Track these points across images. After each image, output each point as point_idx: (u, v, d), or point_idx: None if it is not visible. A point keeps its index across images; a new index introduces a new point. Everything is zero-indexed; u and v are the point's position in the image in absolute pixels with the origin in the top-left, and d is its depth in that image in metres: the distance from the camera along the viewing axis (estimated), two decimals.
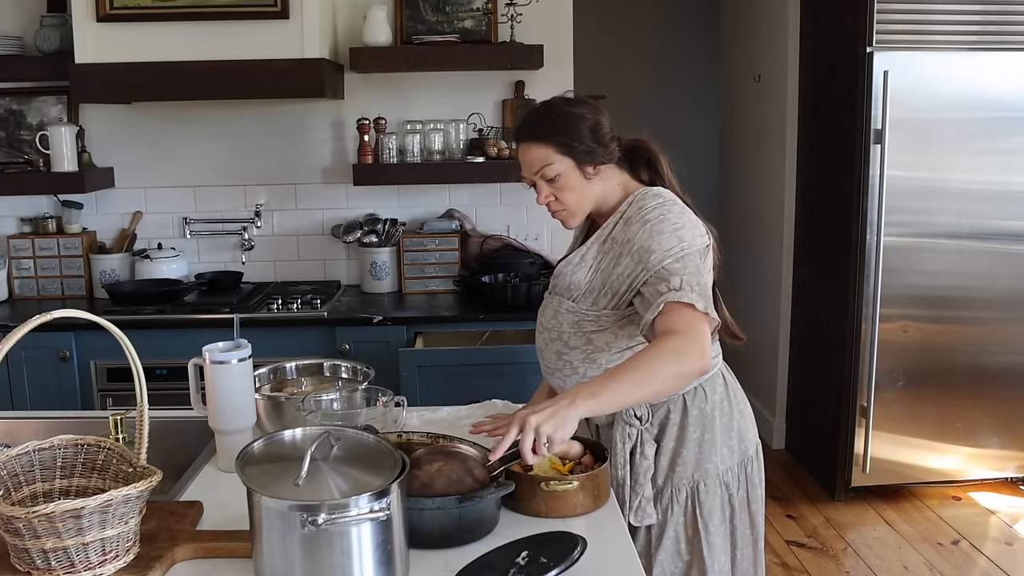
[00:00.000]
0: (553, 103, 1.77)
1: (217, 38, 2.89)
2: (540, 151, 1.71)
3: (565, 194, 1.73)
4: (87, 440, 1.48)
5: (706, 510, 1.80)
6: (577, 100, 1.77)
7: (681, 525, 1.80)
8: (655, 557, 1.80)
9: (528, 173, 1.75)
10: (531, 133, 1.73)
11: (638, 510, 1.76)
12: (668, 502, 1.79)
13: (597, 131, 1.71)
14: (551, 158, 1.70)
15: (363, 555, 1.21)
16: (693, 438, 1.79)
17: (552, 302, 1.84)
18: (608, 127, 1.74)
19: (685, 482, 1.79)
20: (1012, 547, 3.30)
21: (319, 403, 1.74)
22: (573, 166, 1.71)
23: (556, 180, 1.72)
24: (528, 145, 1.73)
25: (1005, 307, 3.58)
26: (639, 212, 1.71)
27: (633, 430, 1.77)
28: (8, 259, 3.29)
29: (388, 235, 3.31)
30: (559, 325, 1.80)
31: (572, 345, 1.78)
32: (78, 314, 1.37)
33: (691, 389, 1.79)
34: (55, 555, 1.26)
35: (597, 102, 1.77)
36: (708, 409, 1.80)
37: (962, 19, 3.39)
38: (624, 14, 5.24)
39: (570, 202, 1.74)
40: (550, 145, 1.70)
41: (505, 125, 3.38)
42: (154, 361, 2.81)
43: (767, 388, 4.34)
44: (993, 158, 3.47)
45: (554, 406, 1.44)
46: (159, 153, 3.39)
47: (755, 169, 4.49)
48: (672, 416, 1.79)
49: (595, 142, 1.71)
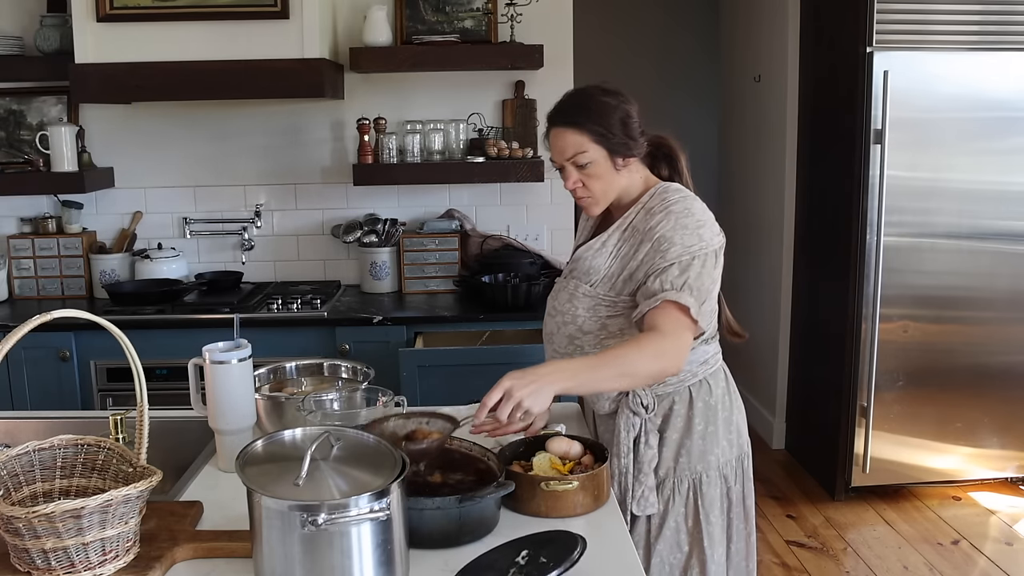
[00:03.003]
0: (591, 92, 1.78)
1: (217, 38, 2.89)
2: (576, 138, 1.73)
3: (593, 182, 1.77)
4: (87, 440, 1.48)
5: (707, 501, 1.82)
6: (614, 91, 1.79)
7: (682, 516, 1.82)
8: (654, 547, 1.82)
9: (559, 158, 1.77)
10: (568, 120, 1.75)
11: (641, 499, 1.78)
12: (670, 492, 1.82)
13: (631, 124, 1.75)
14: (585, 146, 1.73)
15: (363, 555, 1.21)
16: (698, 430, 1.82)
17: (568, 286, 1.86)
18: (638, 121, 1.77)
19: (688, 473, 1.82)
20: (1012, 547, 3.30)
21: (319, 403, 1.74)
22: (606, 156, 1.74)
23: (587, 167, 1.75)
24: (564, 131, 1.75)
25: (1005, 307, 3.58)
26: (663, 203, 1.75)
27: (637, 419, 1.79)
28: (8, 259, 3.29)
29: (388, 235, 3.31)
30: (574, 309, 1.82)
31: (586, 329, 1.80)
32: (78, 314, 1.37)
33: (696, 382, 1.83)
34: (55, 555, 1.26)
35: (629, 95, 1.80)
36: (712, 402, 1.83)
37: (962, 19, 3.39)
38: (624, 14, 5.23)
39: (597, 190, 1.78)
40: (586, 133, 1.73)
41: (505, 125, 3.38)
42: (154, 361, 2.81)
43: (767, 388, 4.34)
44: (993, 158, 3.47)
45: (536, 378, 1.49)
46: (159, 153, 3.39)
47: (755, 169, 4.49)
48: (677, 407, 1.82)
49: (627, 135, 1.74)
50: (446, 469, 1.56)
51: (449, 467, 1.57)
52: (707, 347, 1.85)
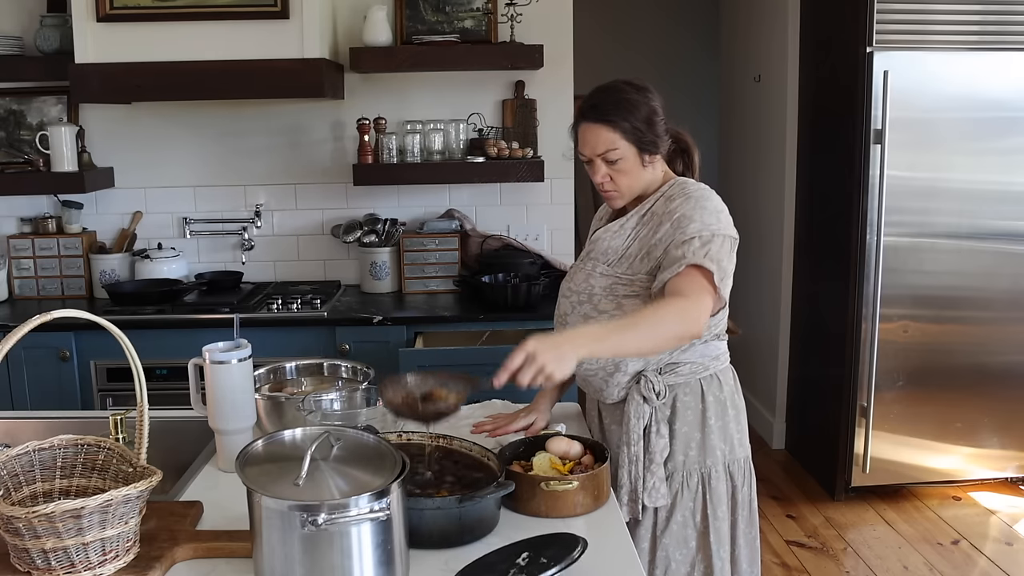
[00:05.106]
0: (622, 88, 1.79)
1: (217, 38, 2.89)
2: (608, 135, 1.75)
3: (621, 177, 1.79)
4: (87, 440, 1.48)
5: (715, 497, 1.83)
6: (643, 87, 1.80)
7: (690, 511, 1.83)
8: (660, 541, 1.82)
9: (590, 152, 1.79)
10: (602, 116, 1.76)
11: (652, 490, 1.79)
12: (679, 486, 1.82)
13: (658, 121, 1.77)
14: (617, 143, 1.75)
15: (363, 555, 1.21)
16: (709, 424, 1.83)
17: (585, 267, 1.87)
18: (663, 118, 1.79)
19: (697, 467, 1.82)
20: (1012, 547, 3.30)
21: (319, 403, 1.74)
22: (635, 153, 1.76)
23: (617, 163, 1.77)
24: (597, 127, 1.76)
25: (1005, 307, 3.58)
26: (682, 191, 1.78)
27: (647, 407, 1.79)
28: (8, 259, 3.29)
29: (388, 235, 3.31)
30: (590, 288, 1.83)
31: (601, 309, 1.80)
32: (78, 314, 1.37)
33: (707, 375, 1.84)
34: (55, 555, 1.26)
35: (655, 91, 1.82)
36: (723, 398, 1.85)
37: (962, 19, 3.39)
38: (624, 14, 5.23)
39: (623, 184, 1.80)
40: (618, 131, 1.74)
41: (505, 125, 3.38)
42: (154, 361, 2.81)
43: (767, 388, 4.34)
44: (993, 158, 3.47)
45: (561, 341, 1.46)
46: (159, 153, 3.39)
47: (755, 169, 4.49)
48: (687, 399, 1.82)
49: (656, 133, 1.77)
50: (446, 469, 1.56)
51: (449, 467, 1.57)
52: (718, 343, 1.86)
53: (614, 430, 1.87)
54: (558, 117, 3.36)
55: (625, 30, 5.26)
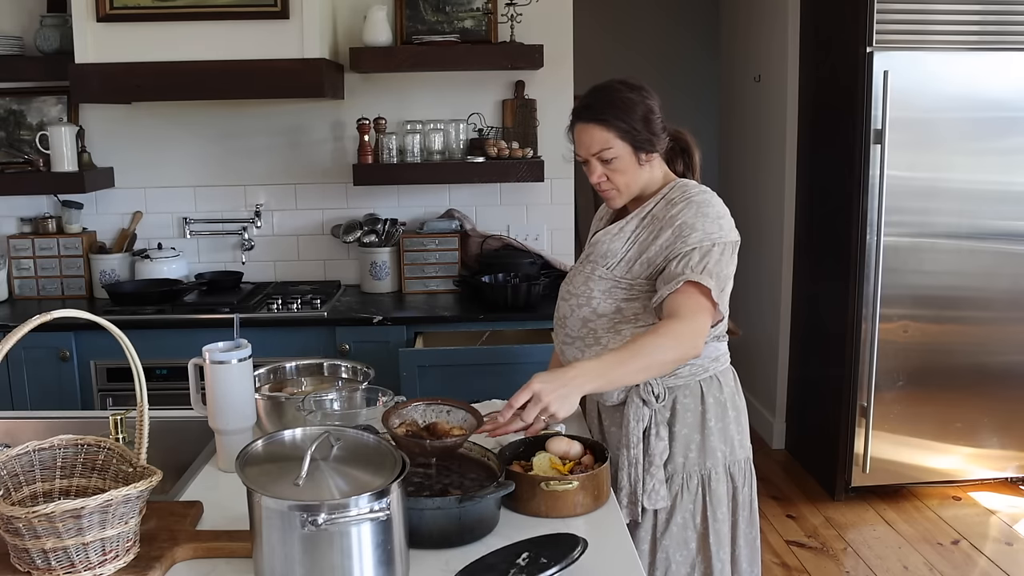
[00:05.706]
0: (616, 87, 1.79)
1: (217, 38, 2.89)
2: (602, 134, 1.75)
3: (617, 176, 1.79)
4: (87, 440, 1.48)
5: (715, 498, 1.83)
6: (638, 86, 1.80)
7: (690, 512, 1.82)
8: (660, 543, 1.82)
9: (584, 152, 1.79)
10: (595, 116, 1.76)
11: (652, 493, 1.79)
12: (678, 488, 1.82)
13: (654, 120, 1.77)
14: (611, 143, 1.75)
15: (363, 555, 1.21)
16: (709, 426, 1.82)
17: (584, 269, 1.87)
18: (660, 116, 1.79)
19: (697, 469, 1.82)
20: (1012, 547, 3.30)
21: (319, 403, 1.74)
22: (631, 152, 1.77)
23: (612, 163, 1.77)
24: (590, 127, 1.77)
25: (1005, 307, 3.58)
26: (683, 194, 1.78)
27: (647, 410, 1.79)
28: (8, 259, 3.29)
29: (388, 235, 3.31)
30: (589, 291, 1.83)
31: (600, 312, 1.81)
32: (78, 314, 1.37)
33: (707, 377, 1.84)
34: (55, 555, 1.26)
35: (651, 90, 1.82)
36: (723, 399, 1.85)
37: (962, 19, 3.39)
38: (624, 14, 5.23)
39: (620, 184, 1.80)
40: (612, 130, 1.75)
41: (505, 125, 3.38)
42: (154, 361, 2.81)
43: (767, 388, 4.34)
44: (993, 158, 3.47)
45: (565, 382, 1.51)
46: (159, 153, 3.39)
47: (755, 169, 4.49)
48: (687, 401, 1.82)
49: (651, 131, 1.77)
50: (446, 469, 1.56)
51: (449, 467, 1.57)
52: (719, 344, 1.86)
53: (614, 432, 1.87)
54: (558, 117, 3.35)
55: (625, 30, 5.26)
